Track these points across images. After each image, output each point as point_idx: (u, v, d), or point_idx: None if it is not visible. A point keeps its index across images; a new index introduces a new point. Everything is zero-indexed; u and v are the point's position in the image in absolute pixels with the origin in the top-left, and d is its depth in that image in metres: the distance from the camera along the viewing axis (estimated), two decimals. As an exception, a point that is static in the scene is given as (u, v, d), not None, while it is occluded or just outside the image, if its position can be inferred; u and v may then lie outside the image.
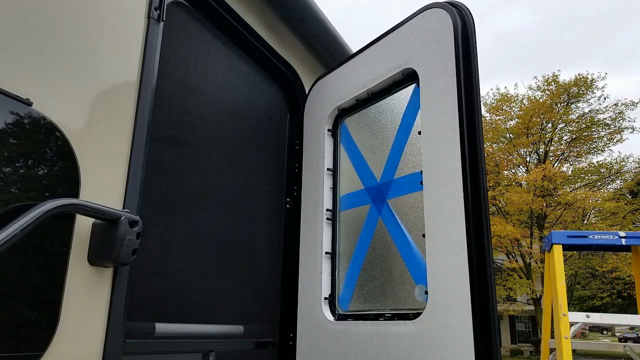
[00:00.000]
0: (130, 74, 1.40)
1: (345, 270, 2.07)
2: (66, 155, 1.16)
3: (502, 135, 24.96)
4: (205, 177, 1.92)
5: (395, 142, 1.98)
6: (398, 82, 1.99)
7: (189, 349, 1.76)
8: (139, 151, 1.37)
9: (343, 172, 2.21)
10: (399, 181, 1.91)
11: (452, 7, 1.75)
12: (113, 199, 1.28)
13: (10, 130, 1.04)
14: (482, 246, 1.49)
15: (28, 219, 0.95)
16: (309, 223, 2.20)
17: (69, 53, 1.20)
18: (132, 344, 1.48)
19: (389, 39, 2.00)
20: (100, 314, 1.22)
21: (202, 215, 1.88)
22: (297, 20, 2.30)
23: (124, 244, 1.19)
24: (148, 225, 1.58)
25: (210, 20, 1.99)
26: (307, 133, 2.36)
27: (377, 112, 2.13)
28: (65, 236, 1.14)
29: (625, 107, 23.12)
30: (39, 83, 1.12)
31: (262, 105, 2.35)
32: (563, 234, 6.12)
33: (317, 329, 2.01)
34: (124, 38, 1.40)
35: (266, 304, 2.17)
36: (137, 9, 1.46)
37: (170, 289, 1.69)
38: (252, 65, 2.28)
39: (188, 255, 1.78)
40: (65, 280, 1.12)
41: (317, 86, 2.36)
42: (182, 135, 1.83)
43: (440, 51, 1.74)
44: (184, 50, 1.86)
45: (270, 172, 2.33)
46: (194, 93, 1.90)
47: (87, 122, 1.23)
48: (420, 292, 1.71)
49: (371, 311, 1.91)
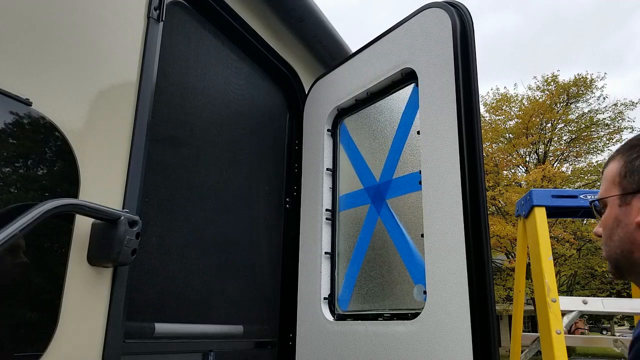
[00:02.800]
0: (130, 74, 1.40)
1: (345, 270, 2.07)
2: (66, 155, 1.17)
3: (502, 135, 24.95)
4: (204, 177, 1.92)
5: (394, 142, 1.98)
6: (397, 82, 1.99)
7: (189, 349, 1.76)
8: (138, 151, 1.37)
9: (342, 172, 2.21)
10: (398, 181, 1.91)
11: (451, 6, 1.75)
12: (113, 199, 1.28)
13: (10, 130, 1.04)
14: (480, 246, 1.50)
15: (28, 219, 0.95)
16: (308, 223, 2.20)
17: (68, 53, 1.21)
18: (132, 344, 1.48)
19: (388, 39, 2.00)
20: (100, 314, 1.22)
21: (202, 215, 1.88)
22: (297, 20, 2.30)
23: (123, 244, 1.19)
24: (147, 225, 1.58)
25: (210, 20, 1.99)
26: (306, 133, 2.36)
27: (377, 112, 2.13)
28: (65, 236, 1.14)
29: (625, 107, 23.14)
30: (38, 83, 1.12)
31: (261, 105, 2.35)
32: (546, 192, 4.54)
33: (316, 329, 2.01)
34: (124, 38, 1.40)
35: (266, 304, 2.18)
36: (136, 9, 1.46)
37: (169, 289, 1.69)
38: (251, 65, 2.29)
39: (187, 255, 1.78)
40: (65, 280, 1.12)
41: (317, 86, 2.37)
42: (181, 135, 1.83)
43: (439, 51, 1.74)
44: (184, 50, 1.86)
45: (270, 172, 2.33)
46: (194, 93, 1.91)
47: (87, 122, 1.24)
48: (419, 292, 1.72)
49: (370, 311, 1.91)
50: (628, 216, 1.12)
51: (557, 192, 4.56)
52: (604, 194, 1.20)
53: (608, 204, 1.19)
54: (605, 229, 1.19)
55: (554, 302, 4.01)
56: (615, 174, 1.18)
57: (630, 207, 1.12)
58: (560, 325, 3.93)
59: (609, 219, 1.18)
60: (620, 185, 1.15)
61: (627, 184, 1.14)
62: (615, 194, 1.16)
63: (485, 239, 1.50)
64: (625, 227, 1.12)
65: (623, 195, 1.14)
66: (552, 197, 4.47)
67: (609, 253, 1.18)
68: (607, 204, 1.19)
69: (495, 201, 23.00)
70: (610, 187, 1.19)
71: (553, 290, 4.06)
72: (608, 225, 1.18)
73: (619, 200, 1.15)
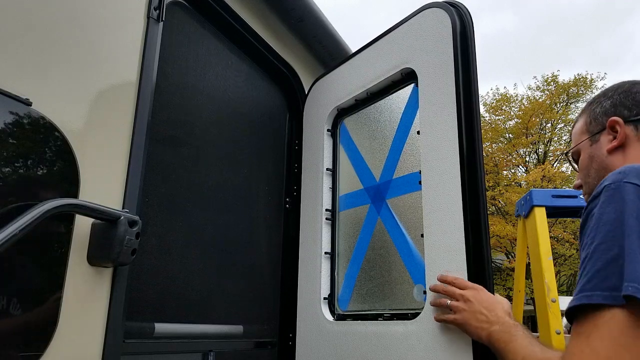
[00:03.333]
0: (130, 73, 1.40)
1: (345, 270, 2.07)
2: (65, 155, 1.17)
3: (502, 135, 24.95)
4: (204, 177, 1.92)
5: (394, 142, 1.98)
6: (397, 82, 1.99)
7: (189, 349, 1.76)
8: (138, 151, 1.37)
9: (342, 172, 2.21)
10: (398, 181, 1.91)
11: (451, 6, 1.75)
12: (112, 199, 1.28)
13: (9, 130, 1.04)
14: (480, 246, 1.50)
15: (27, 219, 0.95)
16: (308, 223, 2.20)
17: (68, 53, 1.21)
18: (132, 344, 1.48)
19: (387, 39, 2.00)
20: (100, 314, 1.22)
21: (202, 215, 1.88)
22: (297, 20, 2.30)
23: (123, 244, 1.19)
24: (147, 225, 1.58)
25: (210, 20, 1.99)
26: (306, 133, 2.36)
27: (376, 112, 2.13)
28: (65, 236, 1.14)
29: (625, 107, 23.09)
30: (38, 83, 1.12)
31: (261, 105, 2.35)
32: (546, 192, 4.59)
33: (316, 328, 2.01)
34: (124, 38, 1.40)
35: (265, 303, 2.18)
36: (136, 8, 1.46)
37: (169, 289, 1.69)
38: (251, 65, 2.29)
39: (187, 255, 1.78)
40: (65, 281, 1.12)
41: (317, 86, 2.37)
42: (181, 135, 1.83)
43: (439, 51, 1.74)
44: (184, 50, 1.86)
45: (270, 172, 2.33)
46: (193, 93, 1.91)
47: (87, 122, 1.24)
48: (418, 292, 1.72)
49: (370, 311, 1.91)
50: (599, 150, 1.36)
51: (557, 192, 4.59)
52: (577, 142, 1.45)
53: (581, 151, 1.43)
54: (583, 171, 1.42)
55: (553, 302, 4.03)
56: (582, 126, 1.44)
57: (599, 142, 1.36)
58: (560, 325, 3.95)
59: (584, 161, 1.41)
60: (587, 131, 1.42)
61: (593, 128, 1.40)
62: (585, 138, 1.42)
63: (485, 239, 1.50)
64: (598, 158, 1.36)
65: (592, 136, 1.39)
66: (552, 197, 4.51)
67: (589, 188, 1.37)
68: (580, 150, 1.43)
69: (495, 201, 22.99)
70: (580, 137, 1.44)
71: (553, 290, 4.09)
72: (584, 166, 1.41)
73: (589, 142, 1.40)
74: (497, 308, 1.37)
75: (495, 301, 1.40)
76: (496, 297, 1.43)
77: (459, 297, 1.45)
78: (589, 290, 0.97)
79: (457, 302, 1.45)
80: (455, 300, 1.45)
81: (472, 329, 1.38)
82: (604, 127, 1.35)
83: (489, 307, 1.37)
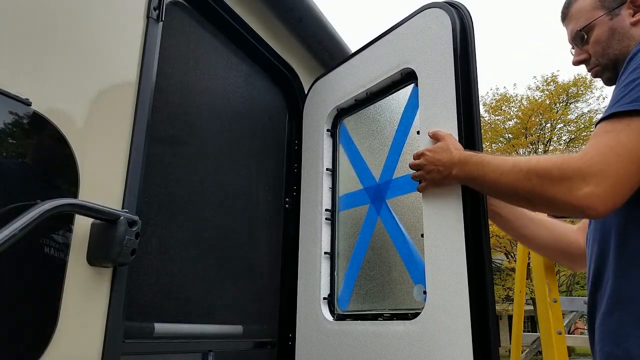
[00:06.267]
0: (129, 74, 1.40)
1: (344, 270, 2.07)
2: (65, 155, 1.16)
3: (501, 135, 24.96)
4: (204, 177, 1.92)
5: (394, 142, 1.98)
6: (397, 82, 1.99)
7: (188, 349, 1.76)
8: (138, 151, 1.37)
9: (342, 172, 2.21)
10: (398, 181, 1.91)
11: (451, 7, 1.75)
12: (112, 199, 1.28)
13: (9, 130, 1.04)
14: (480, 246, 1.50)
15: (27, 219, 0.95)
16: (308, 223, 2.20)
17: (67, 53, 1.20)
18: (131, 344, 1.48)
19: (387, 39, 2.00)
20: (99, 314, 1.22)
21: (201, 215, 1.88)
22: (296, 20, 2.30)
23: (123, 244, 1.19)
24: (147, 225, 1.58)
25: (210, 20, 1.99)
26: (306, 133, 2.36)
27: (376, 112, 2.13)
28: (64, 236, 1.14)
29: (624, 107, 23.11)
30: (38, 83, 1.12)
31: (261, 105, 2.35)
32: None
33: (316, 329, 2.01)
34: (123, 38, 1.40)
35: (265, 304, 2.18)
36: (136, 8, 1.46)
37: (169, 289, 1.69)
38: (251, 65, 2.28)
39: (187, 255, 1.78)
40: (64, 281, 1.12)
41: (316, 86, 2.37)
42: (181, 135, 1.83)
43: (439, 51, 1.74)
44: (183, 50, 1.86)
45: (269, 172, 2.33)
46: (193, 93, 1.91)
47: (86, 122, 1.23)
48: (418, 292, 1.72)
49: (370, 311, 1.91)
50: (622, 22, 1.39)
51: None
52: (591, 18, 1.45)
53: (596, 26, 1.44)
54: (599, 45, 1.44)
55: (554, 302, 3.86)
56: (593, 2, 1.45)
57: (621, 16, 1.40)
58: (561, 326, 3.81)
59: (602, 35, 1.43)
60: (603, 7, 1.43)
61: (609, 4, 1.42)
62: (602, 14, 1.43)
63: (485, 239, 1.50)
64: (621, 30, 1.39)
65: (611, 11, 1.41)
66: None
67: (608, 60, 1.42)
68: (595, 26, 1.44)
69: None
70: (592, 12, 1.45)
71: (554, 290, 3.92)
72: (602, 39, 1.43)
73: (608, 17, 1.42)
74: (445, 150, 1.50)
75: (441, 148, 1.53)
76: (440, 143, 1.55)
77: (414, 166, 1.62)
78: (627, 103, 1.09)
79: (416, 172, 1.61)
80: (416, 172, 1.62)
81: (442, 180, 1.52)
82: (623, 2, 1.40)
83: (440, 156, 1.51)
